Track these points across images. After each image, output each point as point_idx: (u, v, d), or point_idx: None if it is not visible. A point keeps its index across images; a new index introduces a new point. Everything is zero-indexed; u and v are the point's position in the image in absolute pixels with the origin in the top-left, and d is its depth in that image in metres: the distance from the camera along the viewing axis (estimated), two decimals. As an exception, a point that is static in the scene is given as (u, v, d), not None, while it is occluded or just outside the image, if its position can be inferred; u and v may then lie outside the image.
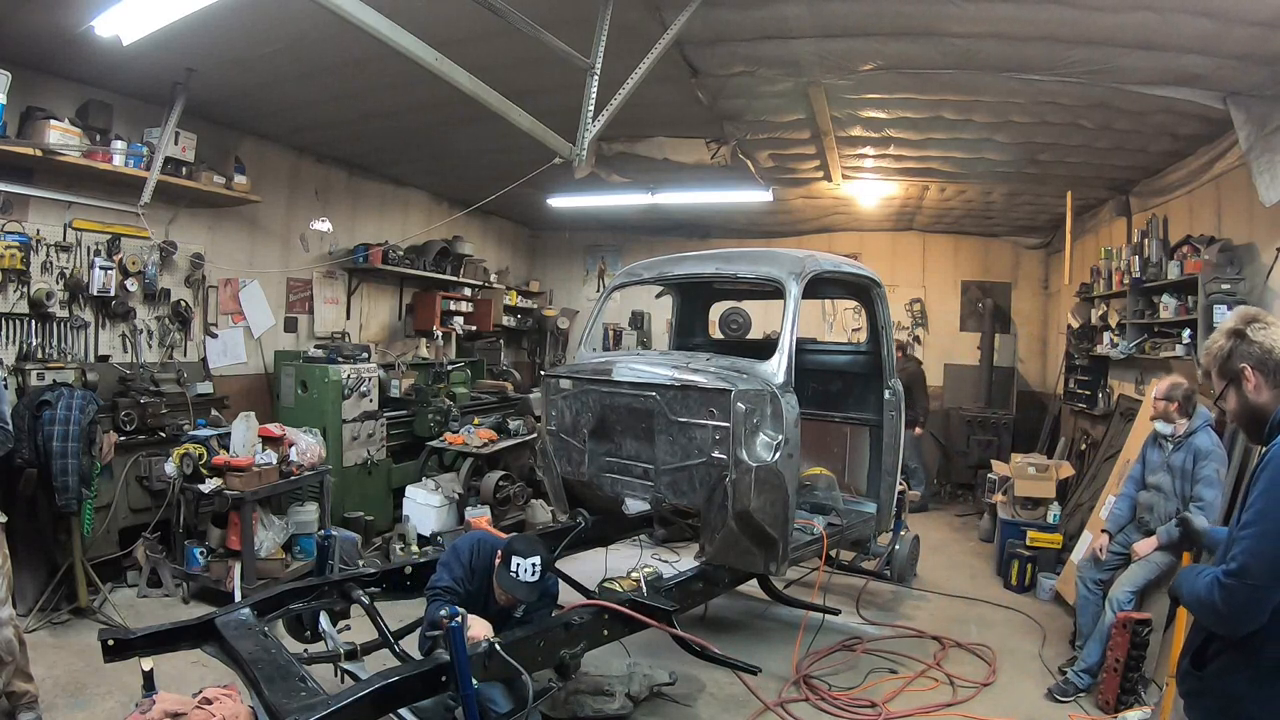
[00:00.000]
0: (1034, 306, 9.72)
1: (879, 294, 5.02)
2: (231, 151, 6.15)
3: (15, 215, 4.80)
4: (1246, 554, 1.70)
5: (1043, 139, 5.75)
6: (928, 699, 4.10)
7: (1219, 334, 1.96)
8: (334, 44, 4.35)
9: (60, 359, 4.97)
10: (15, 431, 4.25)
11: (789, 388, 3.85)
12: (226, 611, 2.95)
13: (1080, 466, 7.03)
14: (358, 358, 6.61)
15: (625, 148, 6.58)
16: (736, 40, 4.49)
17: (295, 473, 5.21)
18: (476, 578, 3.22)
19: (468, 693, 2.52)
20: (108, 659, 2.68)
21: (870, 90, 5.11)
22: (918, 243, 9.97)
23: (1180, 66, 4.21)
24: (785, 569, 4.24)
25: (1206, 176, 5.44)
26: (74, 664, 3.96)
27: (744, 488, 3.61)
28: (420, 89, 4.76)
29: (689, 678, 4.17)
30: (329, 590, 3.35)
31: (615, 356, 5.47)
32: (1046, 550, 5.86)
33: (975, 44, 4.27)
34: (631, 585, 3.67)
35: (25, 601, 4.44)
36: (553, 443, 4.53)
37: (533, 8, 3.59)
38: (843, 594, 5.43)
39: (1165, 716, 3.19)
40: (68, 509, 4.42)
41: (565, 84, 4.22)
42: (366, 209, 8.08)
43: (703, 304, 6.21)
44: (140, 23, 3.43)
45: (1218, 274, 4.89)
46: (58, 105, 4.83)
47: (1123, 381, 6.92)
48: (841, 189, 7.67)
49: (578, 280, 11.58)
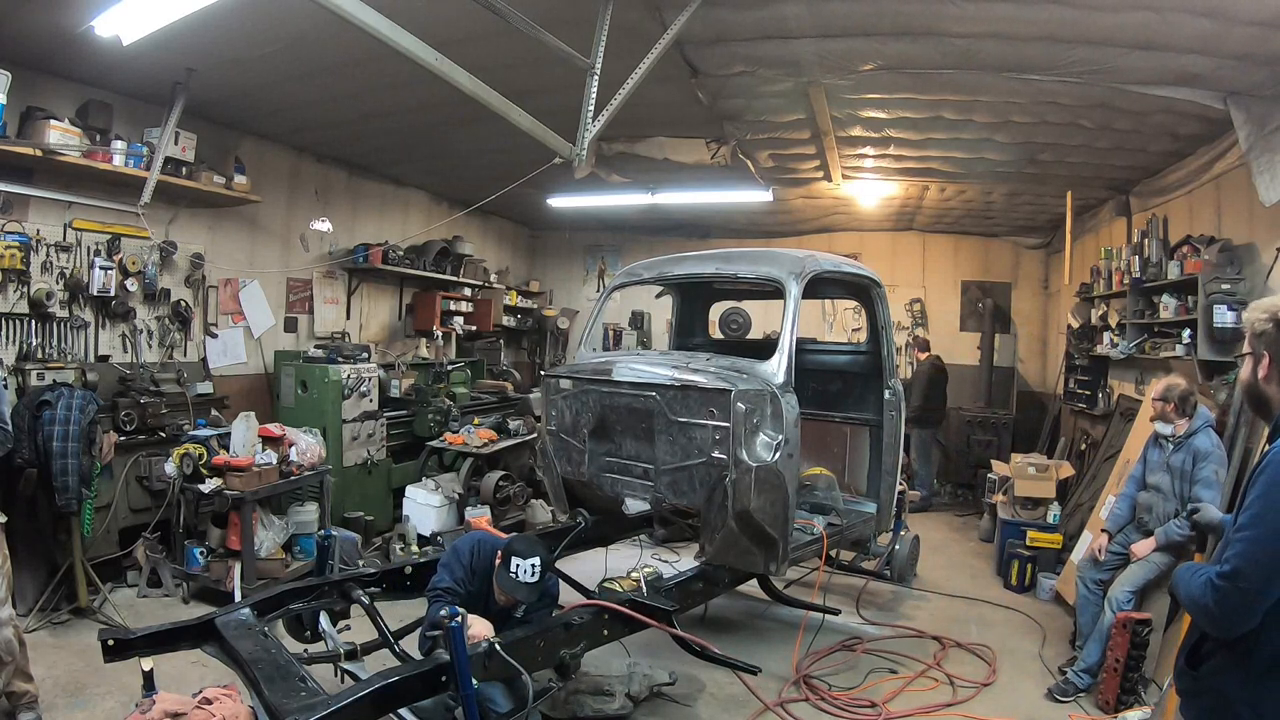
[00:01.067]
0: (1034, 306, 9.73)
1: (879, 294, 5.02)
2: (231, 151, 6.15)
3: (15, 215, 4.80)
4: (1240, 557, 1.70)
5: (1043, 139, 5.75)
6: (928, 699, 4.10)
7: (1265, 311, 1.90)
8: (334, 44, 4.35)
9: (60, 359, 4.97)
10: (15, 431, 4.26)
11: (789, 388, 3.84)
12: (226, 611, 2.95)
13: (1080, 466, 7.03)
14: (358, 358, 6.61)
15: (625, 148, 6.58)
16: (736, 40, 4.49)
17: (295, 473, 5.20)
18: (477, 578, 3.22)
19: (468, 693, 2.52)
20: (108, 659, 2.68)
21: (870, 90, 5.11)
22: (918, 243, 9.98)
23: (1180, 66, 4.21)
24: (785, 569, 4.24)
25: (1206, 176, 5.44)
26: (74, 664, 3.96)
27: (744, 488, 3.61)
28: (420, 89, 4.76)
29: (689, 678, 4.17)
30: (329, 590, 3.35)
31: (615, 356, 5.48)
32: (1046, 550, 5.87)
33: (975, 44, 4.27)
34: (631, 585, 3.67)
35: (25, 601, 4.44)
36: (553, 443, 4.53)
37: (533, 8, 3.59)
38: (843, 594, 5.43)
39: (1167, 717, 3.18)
40: (68, 509, 4.42)
41: (565, 84, 4.22)
42: (366, 209, 8.08)
43: (703, 304, 6.21)
44: (140, 23, 3.43)
45: (1218, 274, 4.88)
46: (58, 105, 4.83)
47: (1123, 381, 6.92)
48: (841, 189, 7.67)
49: (578, 280, 11.59)
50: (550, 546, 3.85)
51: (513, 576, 3.02)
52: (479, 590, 3.21)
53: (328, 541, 3.51)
